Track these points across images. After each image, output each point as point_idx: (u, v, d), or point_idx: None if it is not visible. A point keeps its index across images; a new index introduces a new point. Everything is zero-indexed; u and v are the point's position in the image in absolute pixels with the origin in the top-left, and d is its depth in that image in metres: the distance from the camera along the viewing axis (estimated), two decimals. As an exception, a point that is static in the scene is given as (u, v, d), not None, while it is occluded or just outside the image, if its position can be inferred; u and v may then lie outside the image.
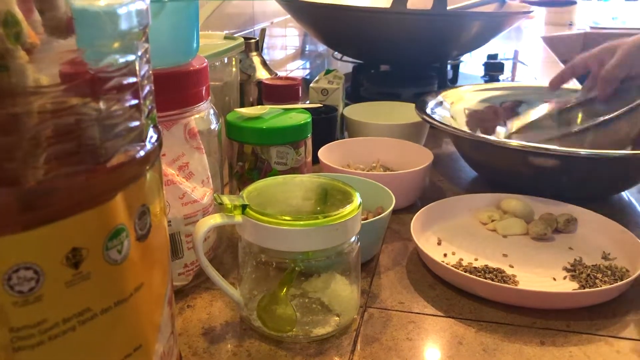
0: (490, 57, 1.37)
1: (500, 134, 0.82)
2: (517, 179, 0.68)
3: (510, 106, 0.87)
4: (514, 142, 0.67)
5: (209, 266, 0.45)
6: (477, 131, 0.80)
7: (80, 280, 0.24)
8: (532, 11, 1.10)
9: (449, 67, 1.15)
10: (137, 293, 0.28)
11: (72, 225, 0.24)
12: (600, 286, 0.50)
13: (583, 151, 0.62)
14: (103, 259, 0.25)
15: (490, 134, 0.80)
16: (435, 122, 0.73)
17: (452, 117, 0.82)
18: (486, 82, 1.22)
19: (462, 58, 1.27)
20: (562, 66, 1.60)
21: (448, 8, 0.95)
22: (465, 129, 0.78)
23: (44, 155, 0.23)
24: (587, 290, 0.49)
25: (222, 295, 0.50)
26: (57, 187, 0.23)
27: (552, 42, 2.11)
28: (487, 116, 0.83)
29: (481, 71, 1.31)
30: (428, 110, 0.78)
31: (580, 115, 0.82)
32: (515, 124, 0.84)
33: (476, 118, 0.82)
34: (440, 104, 0.83)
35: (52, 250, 0.23)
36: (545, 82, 0.87)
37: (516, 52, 1.73)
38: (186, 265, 0.50)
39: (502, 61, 1.33)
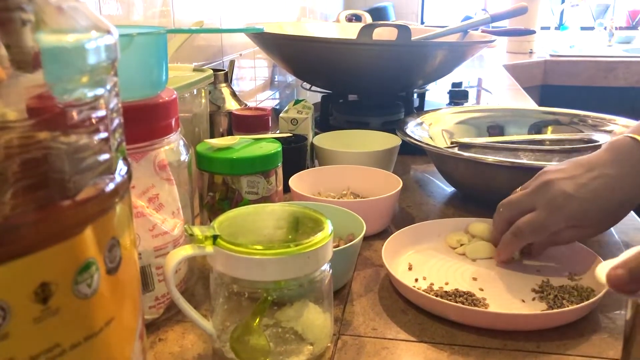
0: (454, 85, 1.40)
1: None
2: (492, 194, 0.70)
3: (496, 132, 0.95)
4: (490, 158, 0.73)
5: (180, 298, 0.44)
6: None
7: (49, 315, 0.24)
8: (493, 40, 1.13)
9: (415, 95, 1.18)
10: (108, 327, 0.27)
11: (40, 260, 0.24)
12: (568, 306, 0.51)
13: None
14: (72, 293, 0.25)
15: None
16: (414, 141, 0.80)
17: (430, 137, 0.89)
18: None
19: (428, 87, 1.30)
20: (524, 93, 1.65)
21: (412, 39, 0.97)
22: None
23: (11, 191, 0.23)
24: (555, 310, 0.50)
25: (194, 327, 0.49)
26: (24, 223, 0.23)
27: (514, 70, 2.18)
28: None
29: (446, 99, 1.34)
30: (408, 131, 0.85)
31: None
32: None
33: None
34: (420, 124, 0.91)
35: (20, 285, 0.23)
36: (516, 104, 0.91)
37: (480, 80, 1.77)
38: (157, 298, 0.49)
39: (466, 89, 1.37)
